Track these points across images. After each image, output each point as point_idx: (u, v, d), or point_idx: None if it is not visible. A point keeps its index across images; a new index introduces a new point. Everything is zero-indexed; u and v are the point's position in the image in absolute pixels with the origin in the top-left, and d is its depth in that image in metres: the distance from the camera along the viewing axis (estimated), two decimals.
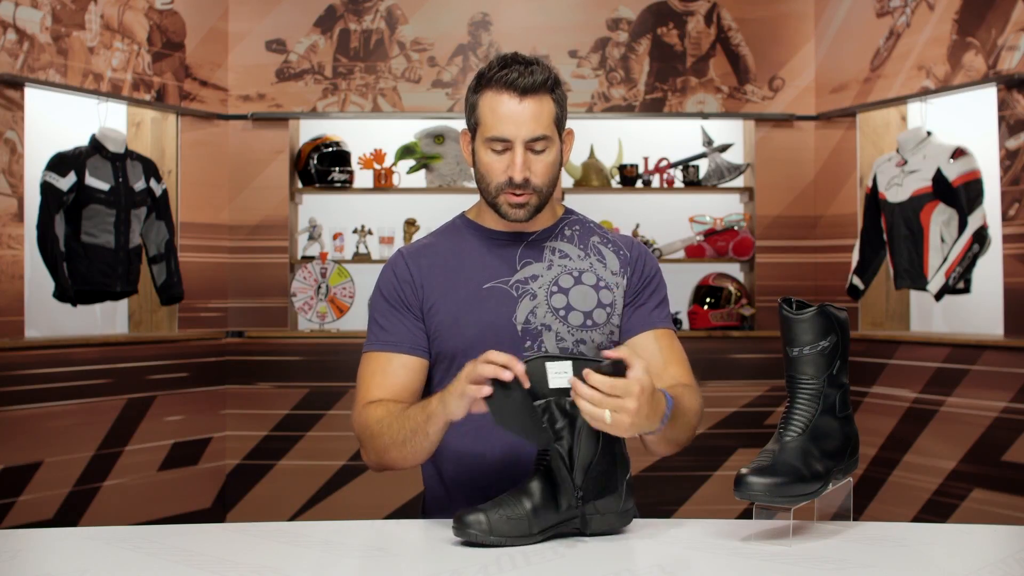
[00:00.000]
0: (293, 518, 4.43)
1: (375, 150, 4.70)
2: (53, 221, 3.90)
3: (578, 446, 1.48)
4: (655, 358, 1.77)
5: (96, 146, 4.07)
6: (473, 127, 1.77)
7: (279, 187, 4.69)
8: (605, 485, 1.50)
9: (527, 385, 1.46)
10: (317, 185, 4.67)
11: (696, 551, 1.45)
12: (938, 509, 3.93)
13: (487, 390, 1.46)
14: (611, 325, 1.79)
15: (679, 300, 4.63)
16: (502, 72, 1.70)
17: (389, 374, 1.76)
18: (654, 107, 4.76)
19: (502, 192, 1.74)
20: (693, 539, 1.51)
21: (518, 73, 1.69)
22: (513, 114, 1.69)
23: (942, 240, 4.04)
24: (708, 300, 4.61)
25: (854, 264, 4.35)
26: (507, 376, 1.45)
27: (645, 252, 1.88)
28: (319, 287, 4.58)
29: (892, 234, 4.20)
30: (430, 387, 1.82)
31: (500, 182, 1.73)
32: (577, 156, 4.76)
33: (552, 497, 1.47)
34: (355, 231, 4.72)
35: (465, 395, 1.49)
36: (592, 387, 1.44)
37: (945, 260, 3.97)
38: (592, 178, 4.73)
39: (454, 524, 1.45)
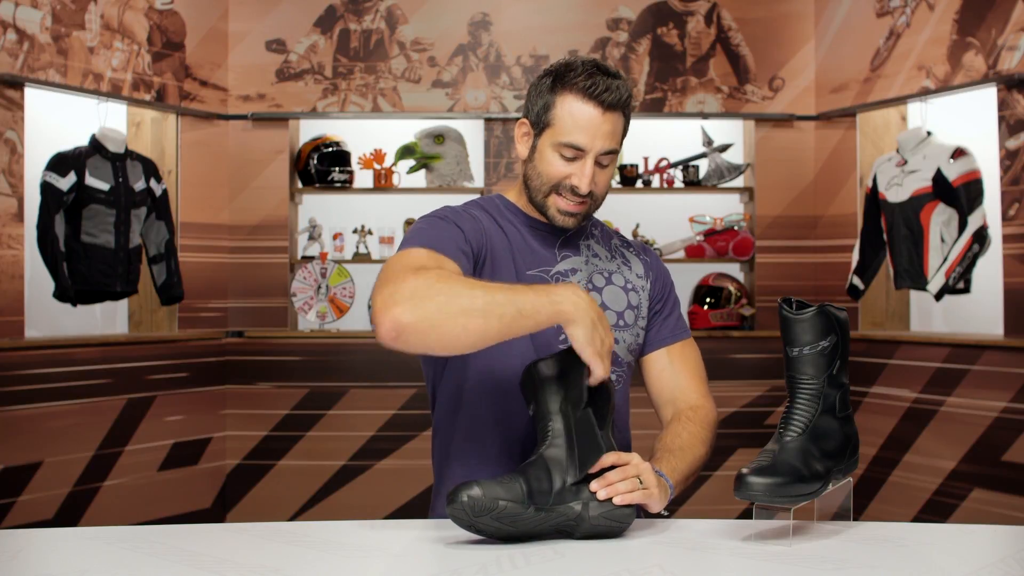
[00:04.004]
0: (293, 518, 4.43)
1: (375, 150, 4.70)
2: (53, 221, 3.90)
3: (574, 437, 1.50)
4: (673, 378, 1.84)
5: (96, 146, 4.07)
6: (542, 125, 1.72)
7: (279, 187, 4.68)
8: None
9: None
10: (317, 185, 4.67)
11: (696, 551, 1.45)
12: (938, 509, 3.93)
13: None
14: (638, 327, 1.83)
15: (679, 300, 4.63)
16: (589, 81, 1.66)
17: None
18: (654, 107, 4.76)
19: (554, 193, 1.72)
20: (693, 539, 1.50)
21: (605, 87, 1.66)
22: (593, 126, 1.67)
23: (942, 240, 4.04)
24: (708, 300, 4.61)
25: (854, 264, 4.35)
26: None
27: (659, 258, 1.95)
28: (319, 287, 4.58)
29: (892, 234, 4.20)
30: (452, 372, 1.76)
31: (559, 184, 1.71)
32: None
33: (548, 476, 1.46)
34: (355, 231, 4.72)
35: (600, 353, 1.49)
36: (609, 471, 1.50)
37: (945, 260, 3.97)
38: None
39: (447, 499, 1.42)
